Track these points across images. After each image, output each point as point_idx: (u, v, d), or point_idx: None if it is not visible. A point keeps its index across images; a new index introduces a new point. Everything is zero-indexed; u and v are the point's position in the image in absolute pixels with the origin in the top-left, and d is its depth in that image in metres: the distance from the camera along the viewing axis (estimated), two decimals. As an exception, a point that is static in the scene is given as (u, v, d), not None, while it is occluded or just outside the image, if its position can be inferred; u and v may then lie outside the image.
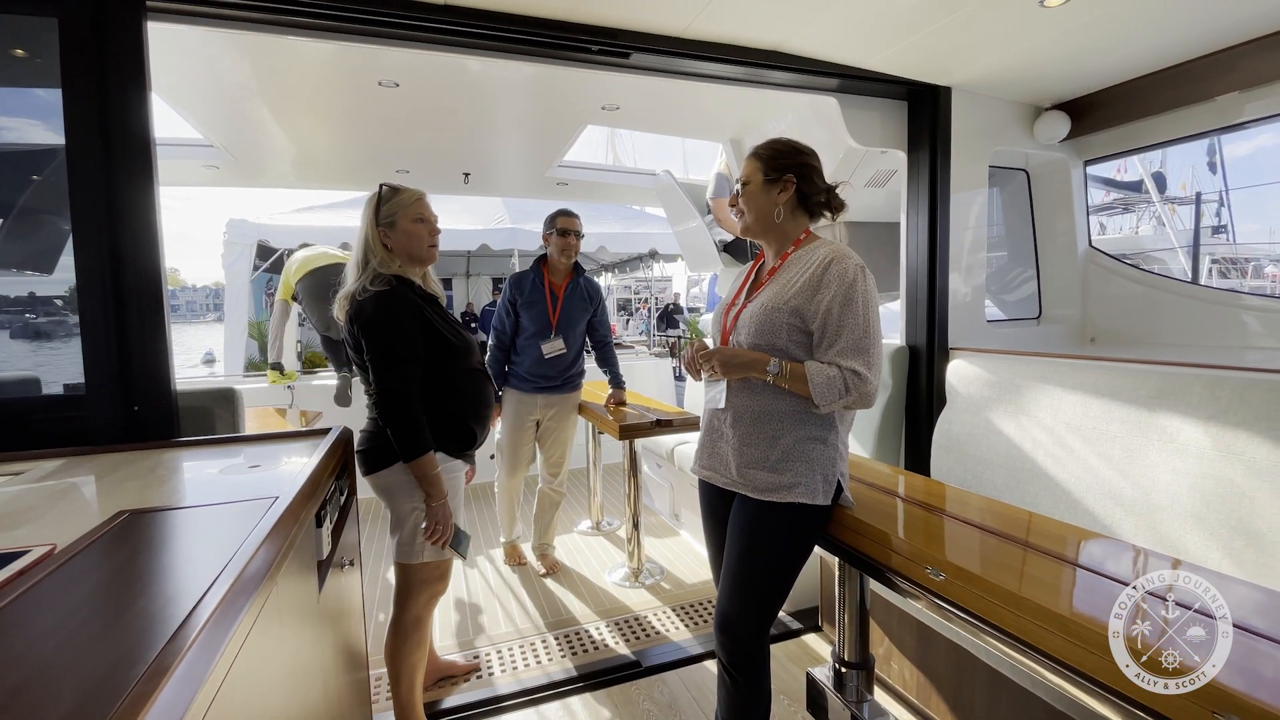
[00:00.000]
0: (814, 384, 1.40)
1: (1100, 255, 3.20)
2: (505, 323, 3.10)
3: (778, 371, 1.43)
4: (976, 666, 1.80)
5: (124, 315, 1.68)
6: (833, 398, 1.40)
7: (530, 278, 3.08)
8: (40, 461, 1.47)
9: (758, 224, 1.60)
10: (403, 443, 1.72)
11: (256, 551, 0.86)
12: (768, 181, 1.57)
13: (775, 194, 1.56)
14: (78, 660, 0.63)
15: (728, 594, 1.53)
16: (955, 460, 2.40)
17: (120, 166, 1.66)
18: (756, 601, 1.51)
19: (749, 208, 1.60)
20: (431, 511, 1.79)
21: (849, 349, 1.40)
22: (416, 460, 1.73)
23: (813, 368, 1.42)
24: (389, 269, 1.79)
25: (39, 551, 0.92)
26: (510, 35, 2.01)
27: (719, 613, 1.55)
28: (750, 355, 1.48)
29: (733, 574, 1.52)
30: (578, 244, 3.07)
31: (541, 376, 3.08)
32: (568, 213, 3.06)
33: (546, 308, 3.04)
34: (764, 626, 1.53)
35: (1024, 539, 1.40)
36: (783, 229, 1.59)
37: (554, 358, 3.05)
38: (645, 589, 3.04)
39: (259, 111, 3.22)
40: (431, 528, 1.80)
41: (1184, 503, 1.73)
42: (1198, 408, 1.76)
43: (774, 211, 1.57)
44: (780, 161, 1.56)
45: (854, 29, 2.15)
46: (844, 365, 1.40)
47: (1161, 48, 2.35)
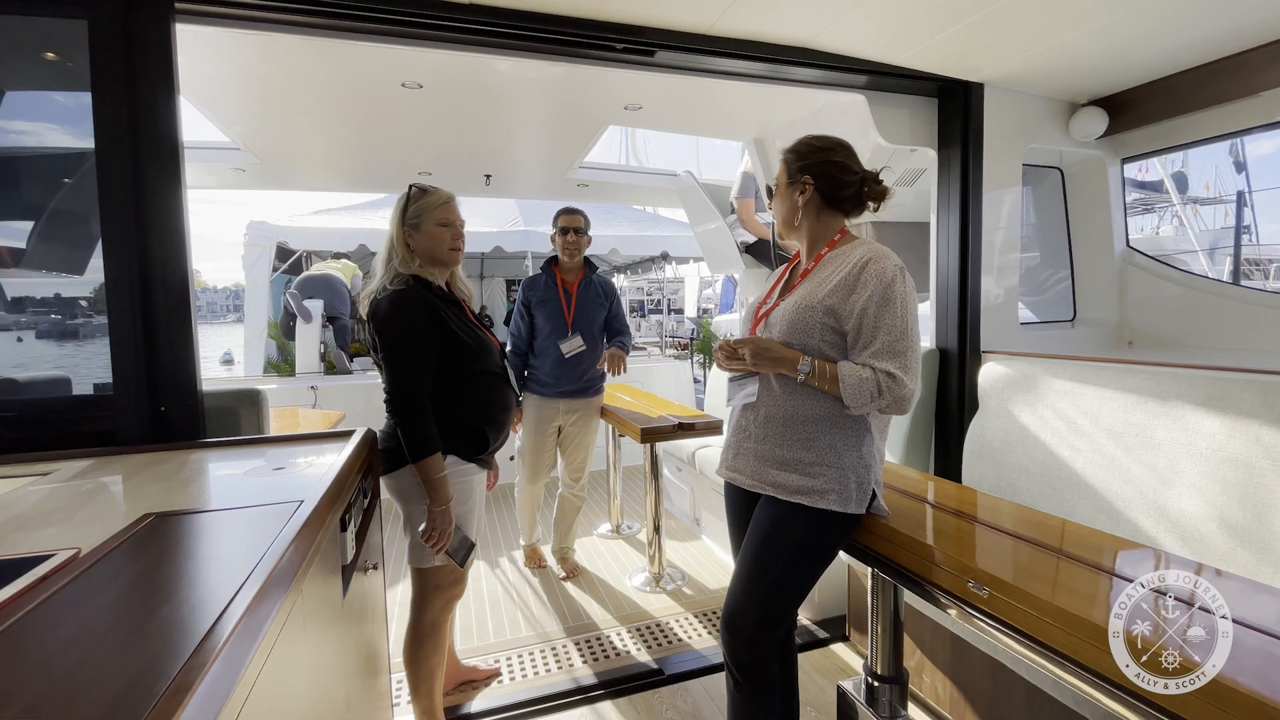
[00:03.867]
0: (845, 384, 1.36)
1: (1138, 255, 3.10)
2: (521, 326, 3.07)
3: (809, 370, 1.39)
4: (1014, 681, 1.74)
5: (151, 317, 1.69)
6: (864, 400, 1.35)
7: (542, 279, 3.05)
8: (69, 461, 1.48)
9: (783, 226, 1.60)
10: (409, 442, 1.71)
11: (281, 558, 0.84)
12: (790, 184, 1.54)
13: (795, 196, 1.53)
14: (99, 673, 0.61)
15: (737, 590, 1.51)
16: (989, 467, 2.33)
17: (149, 170, 1.67)
18: (764, 599, 1.46)
19: (775, 210, 1.60)
20: (431, 516, 1.75)
21: (884, 351, 1.36)
22: (422, 461, 1.71)
23: (845, 368, 1.37)
24: (408, 268, 1.79)
25: (64, 555, 0.91)
26: (535, 34, 2.00)
27: (726, 609, 1.52)
28: (783, 350, 1.44)
29: (745, 568, 1.49)
30: (581, 240, 3.01)
31: (563, 380, 3.02)
32: (569, 210, 3.02)
33: (561, 306, 3.00)
34: (770, 627, 1.48)
35: (1061, 548, 1.35)
36: (813, 230, 1.55)
37: (574, 358, 2.99)
38: (666, 594, 3.00)
39: (283, 114, 3.25)
40: (429, 532, 1.76)
41: (1234, 515, 1.65)
42: (1249, 415, 1.68)
43: (795, 215, 1.54)
44: (800, 163, 1.53)
45: (885, 24, 2.09)
46: (878, 367, 1.35)
47: (1205, 41, 2.26)
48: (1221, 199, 14.19)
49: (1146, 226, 12.64)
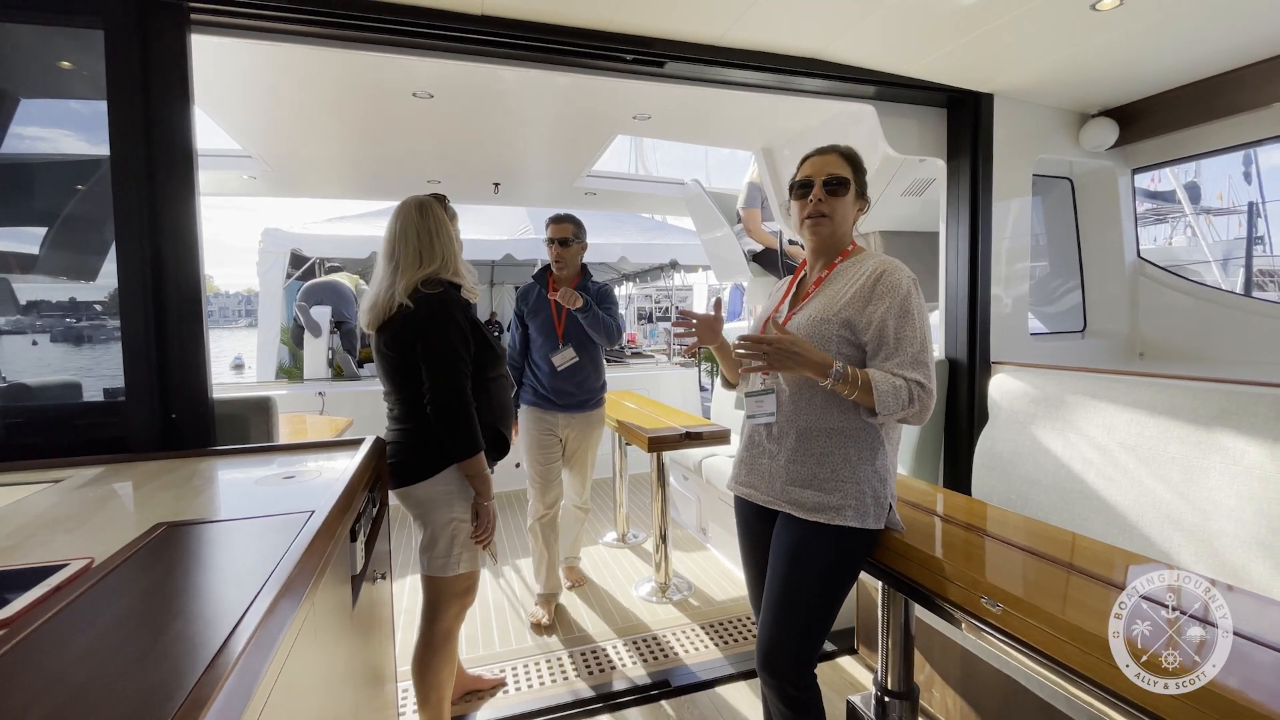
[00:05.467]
0: (879, 391, 1.32)
1: (1150, 266, 3.08)
2: (515, 337, 3.00)
3: (841, 374, 1.33)
4: (1026, 698, 1.72)
5: (163, 324, 1.70)
6: (897, 408, 1.34)
7: (535, 288, 2.95)
8: (80, 469, 1.48)
9: (839, 232, 1.52)
10: (462, 439, 1.73)
11: (293, 571, 0.84)
12: (858, 195, 1.53)
13: (856, 210, 1.54)
14: (113, 688, 0.60)
15: (771, 624, 1.46)
16: (999, 479, 2.31)
17: (163, 177, 1.68)
18: (801, 631, 1.44)
19: (839, 215, 1.50)
20: (484, 510, 1.82)
21: (910, 361, 1.36)
22: (473, 458, 1.75)
23: (877, 375, 1.35)
24: (448, 273, 1.83)
25: (77, 565, 0.90)
26: (545, 45, 2.01)
27: (762, 649, 1.47)
28: (812, 350, 1.36)
29: (776, 601, 1.46)
30: (569, 252, 2.80)
31: (561, 393, 2.87)
32: (557, 219, 2.82)
33: (552, 317, 2.87)
34: (810, 658, 1.46)
35: (1072, 563, 1.33)
36: (839, 241, 1.55)
37: (568, 369, 2.85)
38: (673, 605, 2.98)
39: (295, 123, 3.27)
40: (480, 528, 1.82)
41: (1250, 529, 1.63)
42: (1264, 429, 1.66)
43: (853, 227, 1.55)
44: (861, 179, 1.54)
45: (895, 36, 2.10)
46: (909, 377, 1.34)
47: (1216, 53, 2.26)
48: (1235, 209, 14.09)
49: (1160, 237, 12.56)
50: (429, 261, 1.79)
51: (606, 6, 1.89)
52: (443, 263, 1.81)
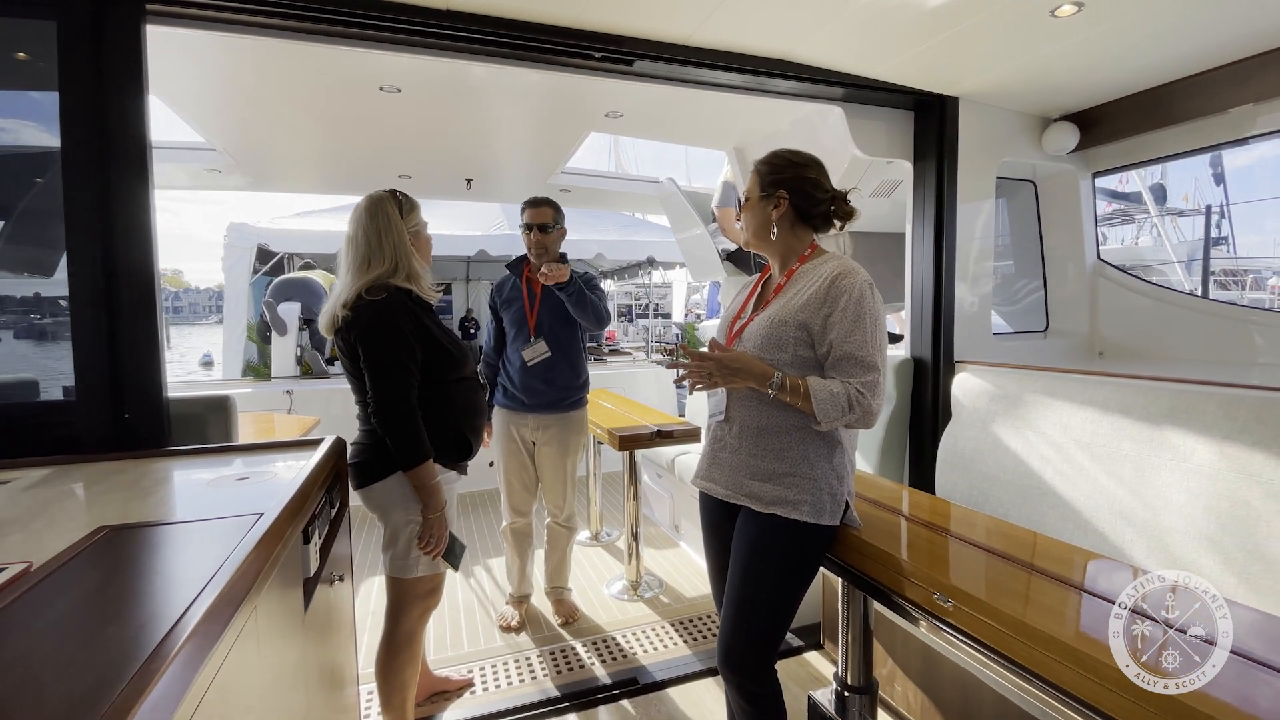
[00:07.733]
0: (817, 400, 1.36)
1: (1108, 268, 3.16)
2: (490, 332, 2.81)
3: (780, 383, 1.38)
4: (984, 692, 1.75)
5: (116, 321, 1.65)
6: (835, 415, 1.36)
7: (510, 278, 2.74)
8: (28, 470, 1.44)
9: (755, 238, 1.59)
10: (403, 451, 1.69)
11: (234, 575, 0.82)
12: (763, 197, 1.54)
13: (769, 210, 1.53)
14: (38, 699, 0.59)
15: (730, 620, 1.48)
16: (960, 476, 2.35)
17: (116, 170, 1.64)
18: (760, 627, 1.45)
19: (747, 222, 1.59)
20: (428, 523, 1.76)
21: (855, 366, 1.37)
22: (416, 469, 1.70)
23: (815, 383, 1.37)
24: (399, 278, 1.77)
25: (14, 570, 0.88)
26: (513, 41, 1.99)
27: (722, 646, 1.49)
28: (755, 365, 1.41)
29: (735, 597, 1.47)
30: (548, 238, 2.59)
31: (531, 390, 2.62)
32: (534, 202, 2.62)
33: (524, 307, 2.64)
34: (769, 654, 1.48)
35: (1032, 562, 1.36)
36: (785, 244, 1.55)
37: (539, 365, 2.60)
38: (644, 602, 2.99)
39: (260, 116, 3.20)
40: (426, 539, 1.76)
41: (1198, 525, 1.69)
42: (1212, 427, 1.71)
43: (769, 228, 1.54)
44: (774, 176, 1.53)
45: (860, 38, 2.12)
46: (850, 382, 1.36)
47: (1174, 59, 2.32)
48: (1199, 211, 14.50)
49: (1126, 237, 12.88)
50: (376, 265, 1.75)
51: (573, 3, 1.88)
52: (394, 264, 1.76)
